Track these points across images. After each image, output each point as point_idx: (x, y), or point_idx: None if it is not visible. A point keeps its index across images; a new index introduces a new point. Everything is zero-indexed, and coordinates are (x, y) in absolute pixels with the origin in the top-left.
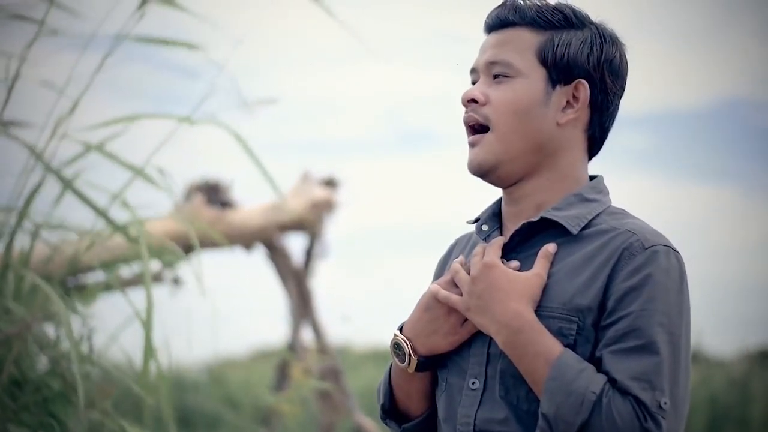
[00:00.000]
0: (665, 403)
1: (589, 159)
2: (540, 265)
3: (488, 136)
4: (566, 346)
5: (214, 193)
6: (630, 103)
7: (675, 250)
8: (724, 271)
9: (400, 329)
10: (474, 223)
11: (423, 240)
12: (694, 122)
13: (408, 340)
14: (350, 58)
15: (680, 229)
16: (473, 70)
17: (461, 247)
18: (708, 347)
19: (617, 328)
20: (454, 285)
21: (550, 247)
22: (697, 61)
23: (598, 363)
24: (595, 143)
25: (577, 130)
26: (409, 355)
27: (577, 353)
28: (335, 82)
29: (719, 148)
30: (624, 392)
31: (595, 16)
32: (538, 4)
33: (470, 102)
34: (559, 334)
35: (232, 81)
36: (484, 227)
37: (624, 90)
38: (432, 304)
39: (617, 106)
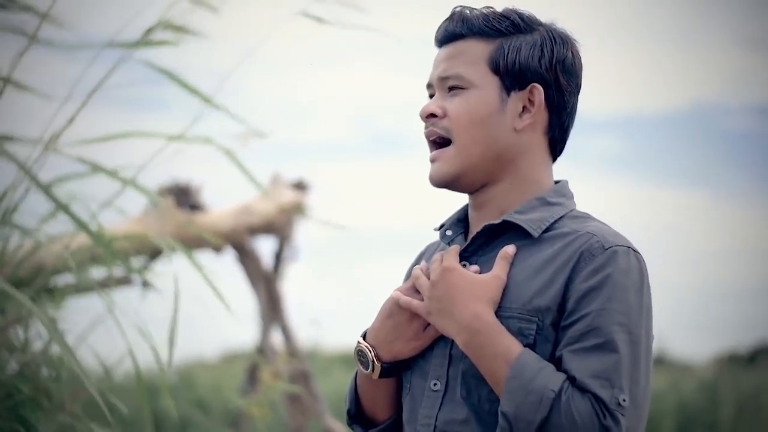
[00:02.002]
0: (624, 400)
1: (554, 160)
2: (499, 267)
3: (449, 149)
4: (526, 345)
5: (183, 196)
6: (603, 107)
7: (635, 251)
8: (695, 275)
9: (363, 336)
10: (439, 229)
11: (393, 243)
12: (665, 126)
13: (371, 347)
14: (321, 62)
15: (651, 233)
16: (429, 85)
17: (430, 253)
18: (677, 351)
19: (577, 328)
20: (415, 291)
21: (509, 249)
22: (669, 65)
23: (558, 362)
24: (556, 144)
25: (536, 134)
26: (373, 361)
27: (536, 353)
28: (306, 85)
29: (690, 152)
30: (583, 390)
31: (573, 23)
32: (485, 12)
33: (429, 117)
34: (519, 333)
35: (206, 81)
36: (448, 232)
37: (580, 88)
38: (394, 311)
39: (575, 104)
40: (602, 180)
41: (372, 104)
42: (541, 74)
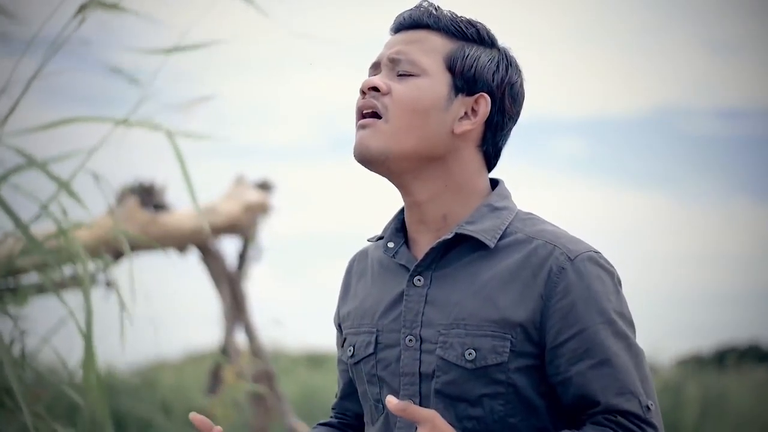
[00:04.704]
0: (651, 404)
1: (489, 171)
2: (419, 413)
3: (381, 123)
4: (500, 363)
5: (147, 196)
6: (567, 110)
7: (596, 252)
8: (660, 278)
9: None
10: (377, 240)
11: (355, 245)
12: (630, 129)
13: None
14: (285, 63)
15: (615, 236)
16: (375, 65)
17: (361, 268)
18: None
19: (572, 348)
20: None
21: (393, 401)
22: (633, 68)
23: (559, 385)
24: (490, 159)
25: (470, 144)
26: None
27: (509, 369)
28: (271, 87)
29: (654, 156)
30: (613, 412)
31: (541, 27)
32: (453, 14)
33: (371, 90)
34: (492, 351)
35: (167, 84)
36: (390, 244)
37: (518, 117)
38: None
39: (510, 131)
40: (567, 182)
41: (336, 106)
42: (491, 89)
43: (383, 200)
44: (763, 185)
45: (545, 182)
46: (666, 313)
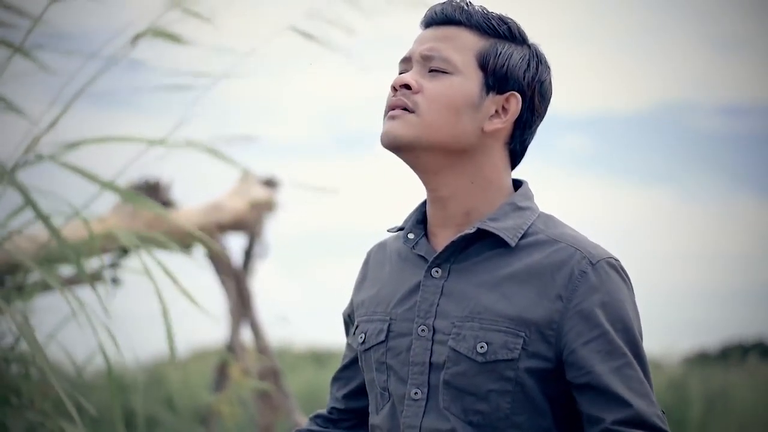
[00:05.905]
0: (663, 411)
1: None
2: None
3: (412, 116)
4: (510, 359)
5: (153, 193)
6: (572, 106)
7: (616, 259)
8: (662, 276)
9: None
10: (398, 231)
11: (360, 243)
12: (631, 127)
13: None
14: (288, 60)
15: (617, 234)
16: (405, 60)
17: (379, 258)
18: (646, 350)
19: (595, 349)
20: None
21: None
22: (634, 66)
23: (582, 388)
24: (516, 157)
25: (498, 141)
26: None
27: (519, 368)
28: (275, 84)
29: (656, 153)
30: (645, 416)
31: (545, 23)
32: (484, 11)
33: (402, 87)
34: (503, 347)
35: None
36: (411, 235)
37: (545, 114)
38: None
39: (537, 128)
40: (572, 179)
41: (339, 103)
42: (522, 87)
43: (387, 198)
44: (766, 182)
45: (547, 180)
46: (670, 311)
